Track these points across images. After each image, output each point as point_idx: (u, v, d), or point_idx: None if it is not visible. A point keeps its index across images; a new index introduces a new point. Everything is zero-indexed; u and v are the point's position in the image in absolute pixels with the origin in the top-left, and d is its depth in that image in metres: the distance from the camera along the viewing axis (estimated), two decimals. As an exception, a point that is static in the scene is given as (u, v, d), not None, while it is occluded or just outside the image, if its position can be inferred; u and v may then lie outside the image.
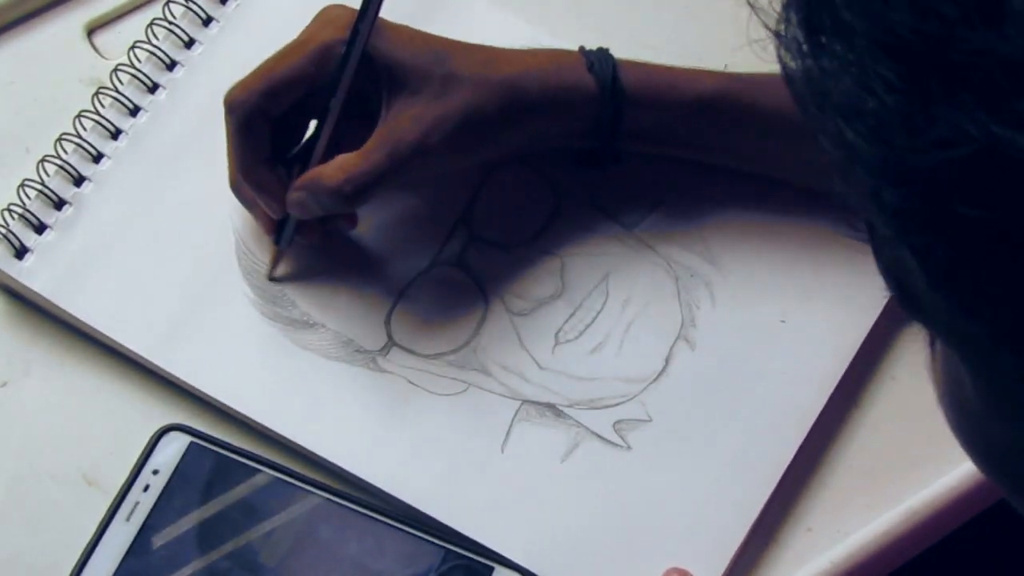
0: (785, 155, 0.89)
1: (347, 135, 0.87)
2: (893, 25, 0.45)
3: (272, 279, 0.89)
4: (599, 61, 0.88)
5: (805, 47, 0.47)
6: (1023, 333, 0.47)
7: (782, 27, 0.48)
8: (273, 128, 0.87)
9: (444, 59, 0.86)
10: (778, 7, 0.49)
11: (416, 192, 0.91)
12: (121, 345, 0.87)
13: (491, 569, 0.82)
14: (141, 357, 0.87)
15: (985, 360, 0.51)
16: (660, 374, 0.88)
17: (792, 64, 0.48)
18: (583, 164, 0.91)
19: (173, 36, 0.95)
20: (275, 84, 0.86)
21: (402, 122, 0.85)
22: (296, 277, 0.89)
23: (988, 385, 0.52)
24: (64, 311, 0.88)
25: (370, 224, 0.90)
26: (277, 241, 0.89)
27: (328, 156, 0.86)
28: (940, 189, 0.45)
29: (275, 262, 0.89)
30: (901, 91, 0.45)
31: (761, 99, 0.87)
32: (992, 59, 0.43)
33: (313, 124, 0.88)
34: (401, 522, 0.83)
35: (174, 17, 0.95)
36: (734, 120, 0.88)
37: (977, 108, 0.44)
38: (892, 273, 0.52)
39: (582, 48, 0.89)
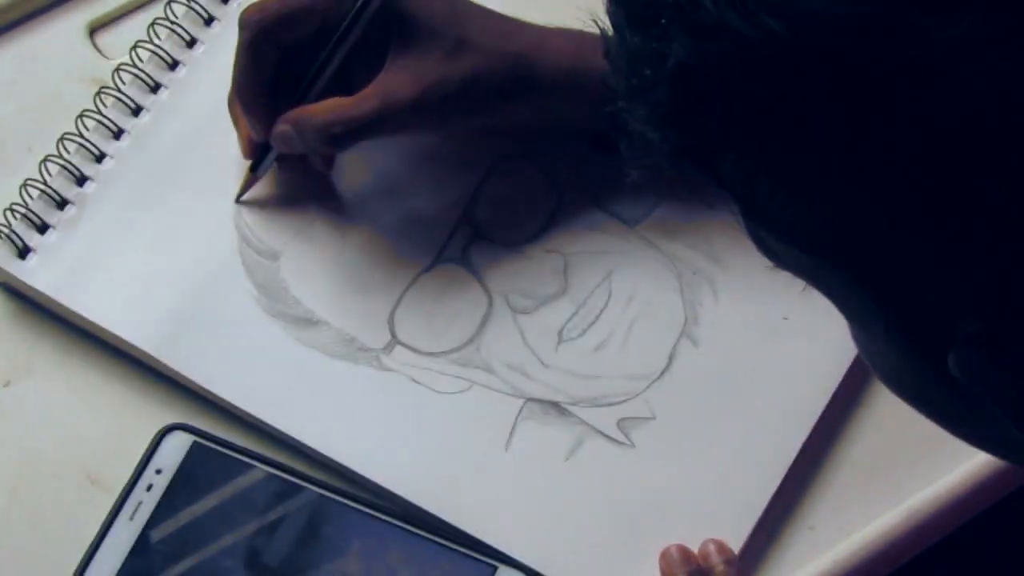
0: None
1: (354, 81, 0.87)
2: None
3: (239, 202, 0.90)
4: None
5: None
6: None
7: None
8: (281, 58, 0.87)
9: (461, 22, 0.86)
10: None
11: (418, 189, 0.91)
12: (124, 342, 0.87)
13: (495, 568, 0.82)
14: (144, 354, 0.87)
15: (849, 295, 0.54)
16: (664, 372, 0.88)
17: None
18: (598, 148, 0.91)
19: (175, 36, 0.95)
20: (290, 10, 0.87)
21: (403, 76, 0.85)
22: (299, 274, 0.89)
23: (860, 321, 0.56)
24: (68, 309, 0.88)
25: (373, 222, 0.91)
26: (254, 168, 0.90)
27: (327, 97, 0.87)
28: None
29: (246, 187, 0.90)
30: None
31: None
32: None
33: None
34: (404, 521, 0.83)
35: (176, 17, 0.95)
36: None
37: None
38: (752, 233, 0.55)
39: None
